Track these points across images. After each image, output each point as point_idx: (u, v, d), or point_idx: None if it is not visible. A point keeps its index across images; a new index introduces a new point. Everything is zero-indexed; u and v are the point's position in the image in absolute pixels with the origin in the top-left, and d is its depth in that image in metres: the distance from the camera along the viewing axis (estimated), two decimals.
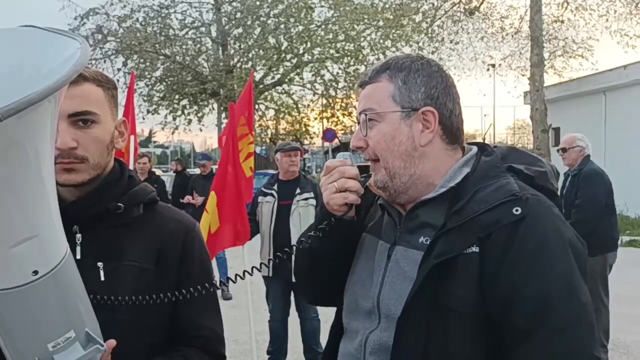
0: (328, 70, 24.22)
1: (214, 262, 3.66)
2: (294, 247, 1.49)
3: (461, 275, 1.25)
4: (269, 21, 22.59)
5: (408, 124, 1.37)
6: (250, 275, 1.48)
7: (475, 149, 1.45)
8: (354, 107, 18.75)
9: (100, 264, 1.42)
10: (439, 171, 1.38)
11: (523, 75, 20.40)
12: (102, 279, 1.41)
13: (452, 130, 1.40)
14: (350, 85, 23.19)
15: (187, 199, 8.70)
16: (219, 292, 5.66)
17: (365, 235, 1.51)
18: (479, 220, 1.26)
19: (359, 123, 1.43)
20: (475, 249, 1.25)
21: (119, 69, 22.47)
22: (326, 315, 2.74)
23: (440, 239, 1.29)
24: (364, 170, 1.45)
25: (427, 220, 1.37)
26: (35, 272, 1.09)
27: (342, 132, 26.44)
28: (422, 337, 1.27)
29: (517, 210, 1.25)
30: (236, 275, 1.44)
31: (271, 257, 4.57)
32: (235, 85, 21.57)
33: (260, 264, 1.51)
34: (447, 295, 1.26)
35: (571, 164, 5.52)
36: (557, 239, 1.25)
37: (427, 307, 1.27)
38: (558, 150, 5.68)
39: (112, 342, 1.28)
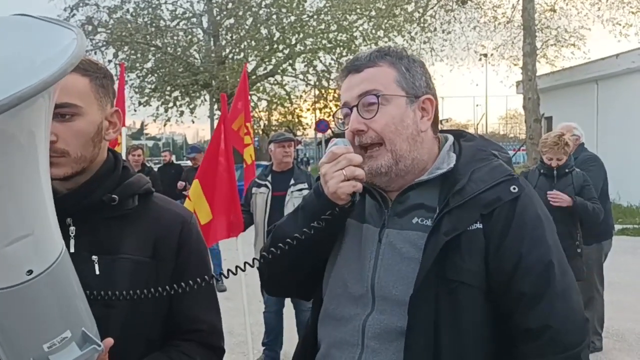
0: (320, 61, 24.17)
1: None
2: (296, 238, 1.40)
3: (467, 250, 1.33)
4: (261, 12, 22.49)
5: (412, 109, 1.42)
6: (243, 270, 1.43)
7: (451, 136, 1.53)
8: None
9: (95, 258, 1.40)
10: (430, 157, 1.46)
11: (515, 64, 20.43)
12: (97, 272, 1.39)
13: (437, 120, 1.49)
14: None
15: (180, 184, 8.74)
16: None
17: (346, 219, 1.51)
18: (480, 199, 1.35)
19: (352, 107, 1.42)
20: (478, 225, 1.34)
21: (109, 61, 22.30)
22: None
23: (444, 218, 1.34)
24: None
25: (421, 201, 1.41)
26: (30, 272, 1.06)
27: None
28: (432, 313, 1.32)
29: (514, 189, 1.36)
30: (229, 270, 1.40)
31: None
32: (227, 77, 21.49)
33: (253, 259, 1.44)
34: (456, 270, 1.32)
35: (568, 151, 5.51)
36: (544, 215, 1.41)
37: (435, 284, 1.32)
38: None
39: (110, 341, 1.26)
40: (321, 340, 1.50)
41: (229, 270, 1.41)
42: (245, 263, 1.43)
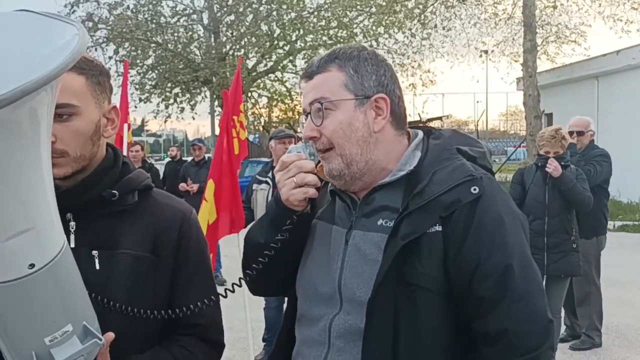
0: None
1: None
2: (266, 255, 1.45)
3: (426, 253, 1.32)
4: (261, 8, 22.43)
5: (362, 111, 1.41)
6: (239, 286, 1.47)
7: (421, 133, 1.51)
8: None
9: (95, 253, 1.40)
10: (390, 156, 1.44)
11: (516, 61, 20.42)
12: (97, 267, 1.39)
13: (400, 117, 1.46)
14: None
15: (182, 186, 8.61)
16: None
17: (316, 222, 1.53)
18: (440, 201, 1.33)
19: (307, 114, 1.44)
20: (438, 227, 1.33)
21: (110, 57, 22.31)
22: None
23: (404, 221, 1.33)
24: None
25: (385, 203, 1.41)
26: (32, 266, 1.07)
27: None
28: (391, 316, 1.32)
29: (474, 190, 1.34)
30: (233, 284, 1.45)
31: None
32: (227, 73, 21.43)
33: (240, 279, 1.49)
34: (414, 274, 1.32)
35: (581, 147, 5.46)
36: (509, 215, 1.36)
37: (394, 287, 1.31)
38: (571, 133, 5.40)
39: (111, 336, 1.27)
40: (297, 338, 1.53)
41: (233, 284, 1.45)
42: (234, 284, 1.47)
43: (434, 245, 1.32)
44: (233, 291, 1.44)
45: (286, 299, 4.97)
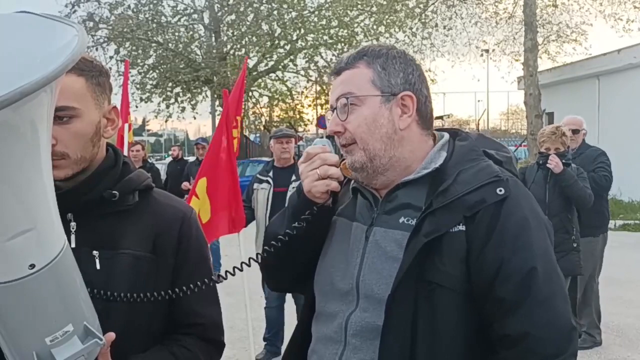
0: (322, 57, 24.17)
1: None
2: (280, 240, 1.44)
3: (448, 252, 1.31)
4: (262, 7, 22.47)
5: (388, 108, 1.41)
6: (248, 266, 1.46)
7: (447, 135, 1.51)
8: None
9: (95, 253, 1.40)
10: (415, 155, 1.43)
11: (517, 60, 20.44)
12: (98, 267, 1.40)
13: (426, 116, 1.46)
14: None
15: (185, 185, 8.60)
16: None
17: (337, 218, 1.53)
18: (464, 200, 1.32)
19: (334, 109, 1.44)
20: (461, 227, 1.31)
21: (111, 57, 22.39)
22: None
23: (427, 219, 1.33)
24: None
25: (408, 201, 1.40)
26: (32, 266, 1.07)
27: None
28: (410, 314, 1.31)
29: (500, 191, 1.32)
30: (226, 271, 1.44)
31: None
32: (228, 73, 21.49)
33: (242, 263, 1.48)
34: (435, 272, 1.31)
35: (575, 146, 5.46)
36: (535, 218, 1.35)
37: (414, 285, 1.31)
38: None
39: (111, 336, 1.27)
40: (313, 335, 1.52)
41: (227, 271, 1.44)
42: (243, 262, 1.47)
43: (457, 245, 1.31)
44: (241, 270, 1.44)
45: (287, 298, 4.98)
